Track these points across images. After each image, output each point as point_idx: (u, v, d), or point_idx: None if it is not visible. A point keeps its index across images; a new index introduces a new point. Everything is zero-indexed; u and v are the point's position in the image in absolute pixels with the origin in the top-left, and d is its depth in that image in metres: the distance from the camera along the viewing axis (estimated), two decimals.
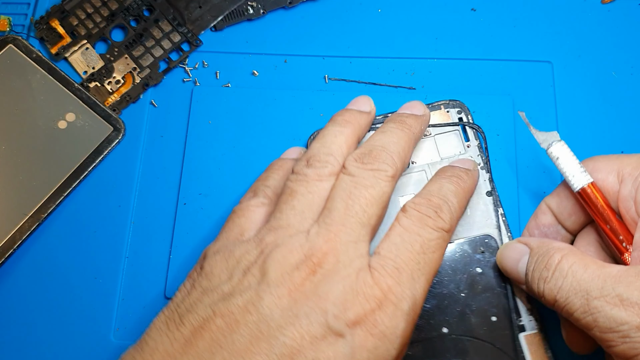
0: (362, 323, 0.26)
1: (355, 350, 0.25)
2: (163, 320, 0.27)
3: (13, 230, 0.36)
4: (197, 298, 0.27)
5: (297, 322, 0.25)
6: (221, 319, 0.26)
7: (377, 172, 0.29)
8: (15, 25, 0.41)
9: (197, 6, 0.41)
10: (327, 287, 0.26)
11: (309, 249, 0.27)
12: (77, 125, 0.39)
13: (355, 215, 0.28)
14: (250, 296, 0.26)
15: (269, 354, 0.24)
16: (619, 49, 0.40)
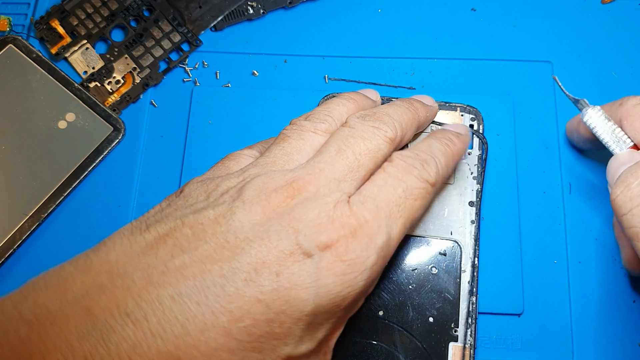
0: (333, 248, 0.25)
1: (321, 272, 0.25)
2: (128, 228, 0.26)
3: (13, 230, 0.36)
4: (169, 213, 0.27)
5: (267, 236, 0.25)
6: (189, 229, 0.25)
7: (377, 129, 0.29)
8: (15, 25, 0.41)
9: (197, 6, 0.41)
10: (303, 211, 0.26)
11: (292, 177, 0.27)
12: (77, 125, 0.39)
13: (345, 159, 0.28)
14: (223, 210, 0.26)
15: (232, 262, 0.24)
16: (619, 49, 0.40)
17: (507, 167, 0.37)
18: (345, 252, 0.25)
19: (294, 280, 0.24)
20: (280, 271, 0.24)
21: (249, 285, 0.24)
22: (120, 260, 0.24)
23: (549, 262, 0.35)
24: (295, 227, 0.25)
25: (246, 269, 0.24)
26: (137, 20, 0.41)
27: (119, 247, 0.25)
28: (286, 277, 0.24)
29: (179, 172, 0.38)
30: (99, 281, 0.24)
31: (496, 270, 0.35)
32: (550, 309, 0.35)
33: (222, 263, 0.24)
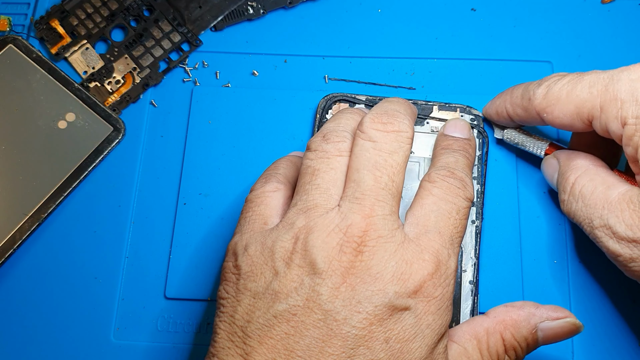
0: (422, 290, 0.26)
1: (420, 318, 0.26)
2: (225, 337, 0.26)
3: (13, 230, 0.36)
4: (251, 304, 0.26)
5: (362, 309, 0.25)
6: (287, 324, 0.25)
7: (398, 134, 0.29)
8: (15, 25, 0.41)
9: (197, 6, 0.41)
10: (380, 266, 0.26)
11: (348, 227, 0.27)
12: (77, 125, 0.39)
13: (385, 187, 0.28)
14: (308, 293, 0.26)
15: (345, 349, 0.25)
16: (618, 49, 0.40)
17: (507, 167, 0.37)
18: (434, 289, 0.27)
19: (402, 338, 0.26)
20: (388, 337, 0.25)
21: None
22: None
23: (549, 262, 0.35)
24: (382, 288, 0.26)
25: (361, 352, 0.25)
26: (137, 20, 0.41)
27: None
28: (394, 339, 0.25)
29: (179, 172, 0.38)
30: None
31: (496, 270, 0.35)
32: None
33: (338, 355, 0.25)
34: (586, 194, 0.31)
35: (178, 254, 0.36)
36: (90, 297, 0.36)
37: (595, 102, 0.30)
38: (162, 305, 0.36)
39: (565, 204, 0.32)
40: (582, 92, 0.30)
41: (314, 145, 0.30)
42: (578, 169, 0.32)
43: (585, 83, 0.30)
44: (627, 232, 0.29)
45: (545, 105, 0.32)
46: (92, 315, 0.36)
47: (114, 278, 0.36)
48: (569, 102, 0.31)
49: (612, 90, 0.29)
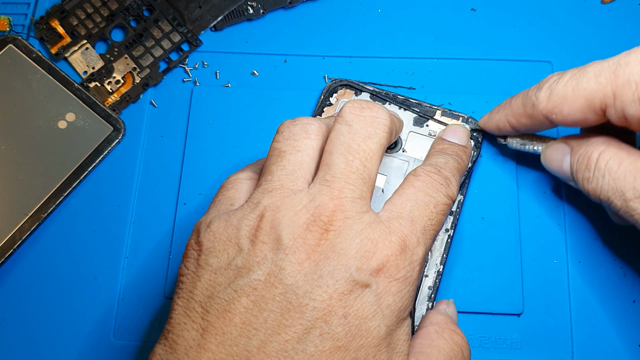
0: (384, 269, 0.26)
1: (380, 297, 0.26)
2: (182, 313, 0.26)
3: (13, 230, 0.36)
4: (211, 279, 0.26)
5: (323, 283, 0.25)
6: (246, 298, 0.25)
7: (375, 119, 0.29)
8: (15, 25, 0.41)
9: (197, 6, 0.41)
10: (345, 244, 0.26)
11: (315, 208, 0.27)
12: (77, 125, 0.39)
13: (356, 171, 0.28)
14: (270, 268, 0.26)
15: (302, 322, 0.25)
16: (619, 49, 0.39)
17: (507, 167, 0.37)
18: (397, 270, 0.27)
19: (361, 315, 0.25)
20: (347, 312, 0.25)
21: (325, 338, 0.25)
22: (203, 358, 0.25)
23: (549, 262, 0.35)
24: (345, 263, 0.26)
25: (318, 325, 0.25)
26: (137, 20, 0.41)
27: (192, 342, 0.25)
28: (353, 315, 0.25)
29: (179, 172, 0.38)
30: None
31: (496, 270, 0.35)
32: (550, 309, 0.35)
33: (294, 327, 0.25)
34: (613, 168, 0.30)
35: (178, 254, 0.36)
36: (90, 297, 0.36)
37: (607, 90, 0.29)
38: (162, 305, 0.36)
39: (591, 181, 0.31)
40: (590, 84, 0.30)
41: (282, 128, 0.30)
42: (600, 144, 0.31)
43: (591, 74, 0.30)
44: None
45: (552, 107, 0.31)
46: (92, 315, 0.36)
47: (114, 278, 0.36)
48: (578, 96, 0.30)
49: (622, 74, 0.29)
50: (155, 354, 0.26)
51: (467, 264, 0.35)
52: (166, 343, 0.26)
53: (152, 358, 0.26)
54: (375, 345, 0.25)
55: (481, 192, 0.37)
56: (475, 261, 0.35)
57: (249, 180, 0.31)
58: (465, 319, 0.35)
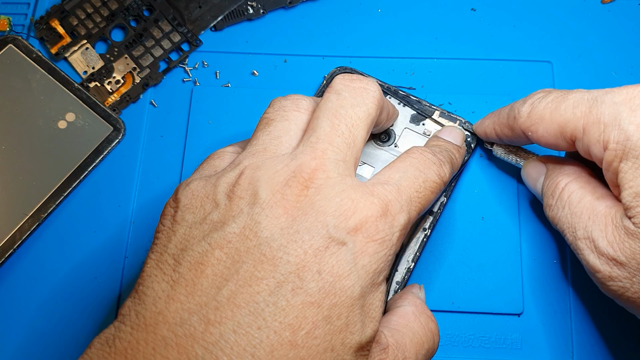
0: (363, 229, 0.26)
1: (357, 256, 0.25)
2: (154, 266, 0.26)
3: (13, 230, 0.36)
4: (186, 234, 0.26)
5: (299, 238, 0.25)
6: (220, 251, 0.25)
7: (364, 90, 0.29)
8: (15, 25, 0.41)
9: (197, 6, 0.41)
10: (324, 202, 0.26)
11: (297, 166, 0.27)
12: (77, 125, 0.39)
13: (341, 135, 0.28)
14: (246, 221, 0.25)
15: (275, 275, 0.24)
16: (619, 49, 0.40)
17: (507, 167, 0.37)
18: (376, 231, 0.26)
19: (336, 272, 0.25)
20: (321, 269, 0.25)
21: (297, 293, 0.24)
22: (171, 308, 0.24)
23: (549, 262, 0.35)
24: (323, 220, 0.25)
25: (290, 279, 0.24)
26: (137, 20, 0.41)
27: (161, 293, 0.25)
28: (327, 272, 0.25)
29: (179, 172, 0.38)
30: (161, 335, 0.24)
31: (496, 270, 0.35)
32: (551, 308, 0.35)
33: (267, 280, 0.24)
34: (574, 202, 0.31)
35: None
36: (91, 297, 0.36)
37: (579, 124, 0.29)
38: None
39: (552, 209, 0.32)
40: (566, 112, 0.30)
41: (273, 102, 0.30)
42: (569, 174, 0.32)
43: (570, 103, 0.30)
44: (607, 248, 0.28)
45: (529, 124, 0.31)
46: (92, 316, 0.36)
47: (114, 278, 0.36)
48: (553, 121, 0.30)
49: (595, 112, 0.29)
50: (124, 306, 0.25)
51: (467, 263, 0.35)
52: (136, 296, 0.25)
53: (121, 310, 0.25)
54: (349, 305, 0.25)
55: (481, 192, 0.37)
56: (475, 261, 0.35)
57: (234, 153, 0.31)
58: (465, 319, 0.35)
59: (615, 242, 0.28)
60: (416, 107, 0.37)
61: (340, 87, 0.29)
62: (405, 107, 0.37)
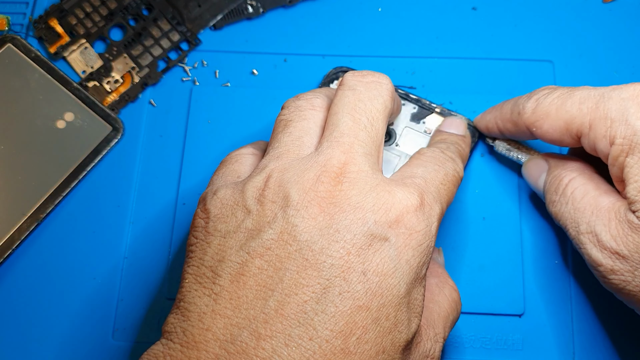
0: (404, 222, 0.25)
1: (400, 251, 0.25)
2: (193, 281, 0.25)
3: (12, 231, 0.36)
4: (221, 244, 0.25)
5: (340, 237, 0.24)
6: (260, 259, 0.24)
7: (378, 83, 0.29)
8: (14, 25, 0.41)
9: (196, 5, 0.41)
10: (360, 196, 0.25)
11: (325, 160, 0.26)
12: (75, 125, 0.38)
13: (364, 129, 0.27)
14: (282, 225, 0.25)
15: (320, 280, 0.24)
16: (620, 49, 0.39)
17: (508, 167, 0.37)
18: (417, 222, 0.25)
19: (381, 271, 0.24)
20: (366, 269, 0.24)
21: (345, 297, 0.24)
22: (219, 323, 0.24)
23: (550, 262, 0.35)
24: (362, 217, 0.25)
25: (337, 283, 0.24)
26: (136, 19, 0.41)
27: (205, 308, 0.24)
28: (372, 271, 0.24)
29: (178, 172, 0.38)
30: (214, 353, 0.23)
31: (497, 270, 0.35)
32: (552, 309, 0.35)
33: (312, 287, 0.24)
34: (577, 197, 0.31)
35: (177, 254, 0.36)
36: (89, 297, 0.36)
37: (585, 120, 0.30)
38: (162, 305, 0.36)
39: (555, 204, 0.32)
40: (572, 108, 0.30)
41: (287, 103, 0.30)
42: (573, 170, 0.32)
43: (576, 99, 0.30)
44: (611, 242, 0.29)
45: (534, 120, 0.31)
46: (91, 316, 0.35)
47: (113, 278, 0.36)
48: (558, 117, 0.30)
49: (602, 108, 0.29)
50: (168, 323, 0.25)
51: (468, 264, 0.35)
52: (178, 312, 0.25)
53: (165, 327, 0.25)
54: (396, 304, 0.24)
55: (482, 192, 0.37)
56: (476, 262, 0.35)
57: (252, 155, 0.30)
58: (467, 320, 0.35)
59: (618, 236, 0.28)
60: (416, 107, 0.37)
61: (354, 82, 0.29)
62: (405, 106, 0.37)
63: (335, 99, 0.29)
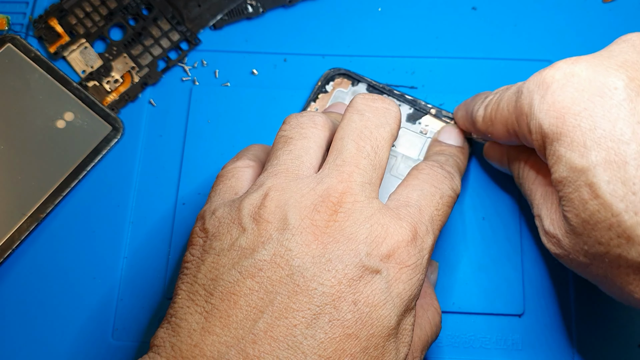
0: (395, 256, 0.26)
1: (391, 284, 0.25)
2: (185, 297, 0.25)
3: (12, 231, 0.36)
4: (215, 262, 0.25)
5: (332, 267, 0.24)
6: (251, 280, 0.24)
7: (386, 110, 0.29)
8: (14, 24, 0.41)
9: (196, 5, 0.41)
10: (354, 228, 0.26)
11: (324, 190, 0.26)
12: (75, 125, 0.38)
13: (367, 157, 0.27)
14: (276, 248, 0.25)
15: (311, 307, 0.24)
16: None
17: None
18: (408, 257, 0.26)
19: (371, 302, 0.25)
20: (357, 299, 0.24)
21: (335, 325, 0.24)
22: (207, 340, 0.24)
23: (550, 262, 0.35)
24: (354, 248, 0.25)
25: (327, 310, 0.24)
26: (135, 19, 0.41)
27: (195, 325, 0.24)
28: (363, 302, 0.24)
29: (178, 172, 0.38)
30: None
31: (497, 270, 0.35)
32: (552, 309, 0.35)
33: (303, 312, 0.24)
34: (531, 179, 0.32)
35: (177, 254, 0.36)
36: (89, 297, 0.36)
37: (512, 119, 0.30)
38: (161, 305, 0.36)
39: (517, 181, 0.33)
40: (504, 110, 0.30)
41: (289, 118, 0.30)
42: (529, 153, 0.32)
43: (504, 100, 0.30)
44: (549, 227, 0.29)
45: (485, 128, 0.32)
46: (90, 316, 0.35)
47: (112, 278, 0.36)
48: (498, 122, 0.31)
49: (519, 105, 0.29)
50: (158, 337, 0.25)
51: (468, 264, 0.35)
52: (169, 327, 0.25)
53: (154, 341, 0.25)
54: (386, 335, 0.25)
55: (482, 192, 0.37)
56: (476, 261, 0.35)
57: (248, 169, 0.30)
58: (466, 320, 0.35)
59: (555, 221, 0.29)
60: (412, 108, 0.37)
61: (363, 107, 0.29)
62: (401, 107, 0.37)
63: (343, 122, 0.29)
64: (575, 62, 0.27)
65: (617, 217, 0.25)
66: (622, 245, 0.26)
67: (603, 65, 0.27)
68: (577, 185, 0.26)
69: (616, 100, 0.26)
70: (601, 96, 0.26)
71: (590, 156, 0.26)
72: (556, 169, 0.27)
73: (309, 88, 0.39)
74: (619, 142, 0.25)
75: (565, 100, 0.27)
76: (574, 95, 0.27)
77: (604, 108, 0.26)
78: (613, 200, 0.25)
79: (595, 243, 0.27)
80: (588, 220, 0.26)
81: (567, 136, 0.26)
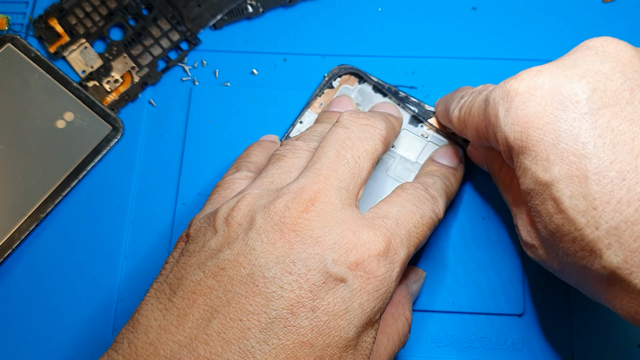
0: (363, 265, 0.25)
1: (354, 294, 0.25)
2: (153, 295, 0.25)
3: (11, 230, 0.36)
4: (185, 262, 0.25)
5: (295, 270, 0.24)
6: (213, 279, 0.24)
7: (372, 127, 0.29)
8: (14, 24, 0.41)
9: (196, 5, 0.41)
10: (324, 231, 0.25)
11: (298, 187, 0.26)
12: (75, 125, 0.38)
13: (347, 164, 0.27)
14: (240, 247, 0.25)
15: (267, 310, 0.23)
16: None
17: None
18: (377, 267, 0.25)
19: (331, 311, 0.24)
20: (316, 306, 0.24)
21: (290, 331, 0.23)
22: (162, 339, 0.24)
23: None
24: (321, 253, 0.24)
25: (283, 315, 0.23)
26: (135, 19, 0.41)
27: (154, 322, 0.24)
28: (322, 310, 0.24)
29: (178, 172, 0.38)
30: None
31: (497, 270, 0.35)
32: (551, 309, 0.35)
33: (258, 315, 0.23)
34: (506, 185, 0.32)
35: None
36: (89, 297, 0.36)
37: (482, 125, 0.30)
38: None
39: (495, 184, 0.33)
40: (475, 116, 0.30)
41: (286, 141, 0.30)
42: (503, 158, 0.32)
43: (475, 107, 0.30)
44: (526, 237, 0.29)
45: (460, 129, 0.32)
46: (90, 316, 0.35)
47: (112, 278, 0.36)
48: (471, 126, 0.31)
49: (486, 114, 0.29)
50: (120, 333, 0.25)
51: (468, 264, 0.35)
52: (130, 323, 0.25)
53: (116, 337, 0.25)
54: (343, 346, 0.24)
55: (482, 192, 0.37)
56: (476, 261, 0.35)
57: (244, 180, 0.31)
58: (466, 320, 0.35)
59: (531, 232, 0.29)
60: (414, 110, 0.37)
61: (348, 122, 0.29)
62: (404, 110, 0.37)
63: (327, 134, 0.29)
64: (538, 73, 0.27)
65: (580, 232, 0.25)
66: (586, 258, 0.25)
67: (566, 76, 0.26)
68: (543, 198, 0.26)
69: (578, 113, 0.25)
70: (564, 109, 0.26)
71: (554, 170, 0.25)
72: (523, 181, 0.27)
73: (309, 88, 0.39)
74: (581, 156, 0.25)
75: (529, 115, 0.26)
76: (537, 109, 0.26)
77: (567, 122, 0.25)
78: (575, 215, 0.25)
79: (564, 254, 0.27)
80: (555, 232, 0.26)
81: (532, 150, 0.26)
